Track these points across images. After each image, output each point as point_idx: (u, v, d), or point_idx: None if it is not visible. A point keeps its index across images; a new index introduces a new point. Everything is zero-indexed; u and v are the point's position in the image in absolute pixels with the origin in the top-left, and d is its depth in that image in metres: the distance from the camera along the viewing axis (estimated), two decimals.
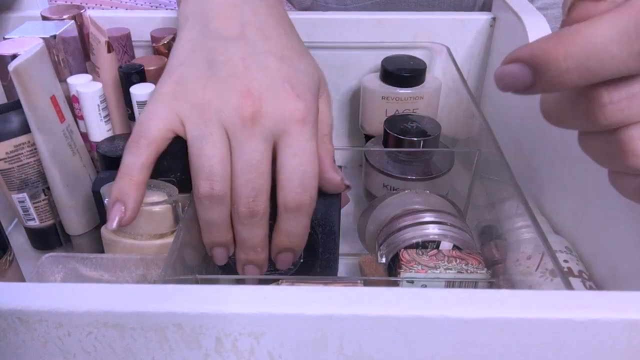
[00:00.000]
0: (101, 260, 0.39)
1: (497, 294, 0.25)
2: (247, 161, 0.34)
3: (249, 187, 0.34)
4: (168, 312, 0.24)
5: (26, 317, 0.25)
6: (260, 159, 0.34)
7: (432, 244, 0.40)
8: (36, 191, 0.45)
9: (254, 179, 0.34)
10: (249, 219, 0.35)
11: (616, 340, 0.24)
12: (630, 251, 0.36)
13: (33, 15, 0.57)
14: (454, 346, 0.25)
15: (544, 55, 0.21)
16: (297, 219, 0.35)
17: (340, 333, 0.25)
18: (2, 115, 0.41)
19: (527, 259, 0.37)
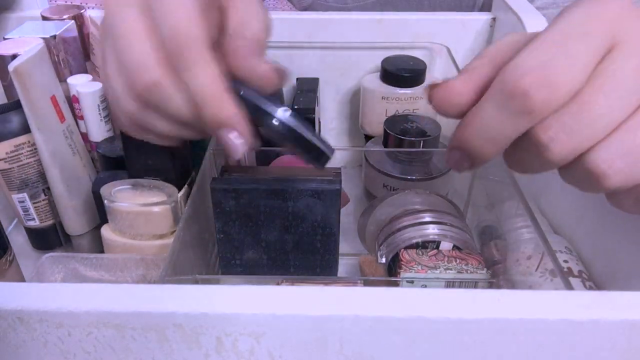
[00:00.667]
0: (101, 260, 0.39)
1: (497, 294, 0.25)
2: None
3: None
4: (168, 312, 0.24)
5: (26, 317, 0.25)
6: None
7: (432, 244, 0.40)
8: (36, 191, 0.45)
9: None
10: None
11: (616, 340, 0.24)
12: (630, 251, 0.36)
13: (33, 15, 0.57)
14: (454, 346, 0.25)
15: (462, 140, 0.25)
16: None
17: (340, 333, 0.25)
18: (2, 115, 0.41)
19: (527, 259, 0.37)
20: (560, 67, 0.22)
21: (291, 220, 0.40)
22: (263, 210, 0.39)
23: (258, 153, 0.51)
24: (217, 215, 0.40)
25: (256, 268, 0.42)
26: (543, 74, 0.22)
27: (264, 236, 0.40)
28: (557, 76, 0.22)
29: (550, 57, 0.22)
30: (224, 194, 0.39)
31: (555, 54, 0.22)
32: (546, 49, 0.23)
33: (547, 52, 0.23)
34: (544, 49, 0.23)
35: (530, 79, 0.22)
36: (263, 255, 0.42)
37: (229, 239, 0.41)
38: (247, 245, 0.41)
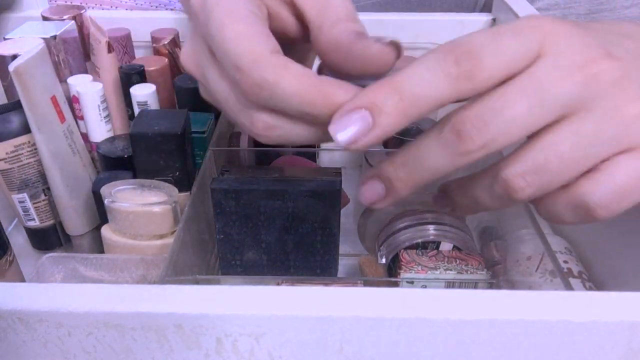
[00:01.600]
0: (101, 260, 0.39)
1: (497, 295, 0.25)
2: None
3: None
4: (168, 313, 0.24)
5: (26, 317, 0.25)
6: None
7: (432, 245, 0.40)
8: (36, 191, 0.45)
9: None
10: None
11: (616, 341, 0.24)
12: (630, 252, 0.36)
13: (33, 15, 0.57)
14: (454, 347, 0.25)
15: (377, 96, 0.24)
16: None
17: (340, 334, 0.25)
18: (3, 115, 0.41)
19: (527, 259, 0.37)
20: (489, 51, 0.23)
21: (291, 221, 0.40)
22: (263, 210, 0.39)
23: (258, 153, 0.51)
24: (217, 215, 0.40)
25: (256, 268, 0.42)
26: (471, 48, 0.23)
27: (264, 236, 0.40)
28: (483, 58, 0.23)
29: (482, 40, 0.23)
30: (224, 194, 0.39)
31: (487, 41, 0.23)
32: (481, 33, 0.24)
33: (481, 35, 0.24)
34: (479, 33, 0.24)
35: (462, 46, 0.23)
36: (263, 256, 0.42)
37: (229, 240, 0.41)
38: (247, 246, 0.41)
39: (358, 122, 0.23)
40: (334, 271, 0.43)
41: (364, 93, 0.24)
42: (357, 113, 0.23)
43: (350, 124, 0.23)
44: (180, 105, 0.48)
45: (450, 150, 0.24)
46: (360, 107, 0.23)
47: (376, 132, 0.23)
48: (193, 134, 0.44)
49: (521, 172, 0.24)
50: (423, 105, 0.24)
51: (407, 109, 0.23)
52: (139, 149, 0.40)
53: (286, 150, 0.52)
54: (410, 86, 0.23)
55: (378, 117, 0.23)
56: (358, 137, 0.23)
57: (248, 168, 0.42)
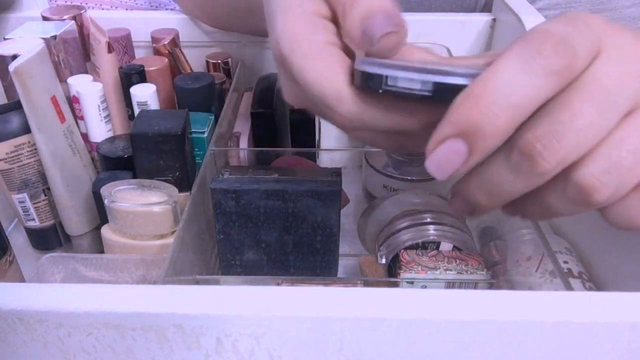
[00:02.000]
0: (101, 260, 0.39)
1: (497, 295, 0.25)
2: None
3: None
4: (168, 313, 0.24)
5: (26, 317, 0.25)
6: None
7: (432, 245, 0.40)
8: (36, 191, 0.45)
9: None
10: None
11: (616, 341, 0.24)
12: (630, 252, 0.36)
13: (33, 15, 0.57)
14: (453, 347, 0.25)
15: (468, 117, 0.21)
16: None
17: (340, 334, 0.25)
18: (3, 115, 0.41)
19: (527, 260, 0.37)
20: (579, 41, 0.22)
21: (291, 221, 0.40)
22: (263, 210, 0.39)
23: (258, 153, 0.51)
24: (217, 215, 0.40)
25: (256, 269, 0.42)
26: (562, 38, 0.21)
27: (264, 237, 0.40)
28: (576, 47, 0.21)
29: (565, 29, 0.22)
30: (224, 194, 0.39)
31: (569, 29, 0.22)
32: (555, 23, 0.22)
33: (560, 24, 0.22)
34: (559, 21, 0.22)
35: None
36: (263, 256, 0.42)
37: (229, 240, 0.41)
38: (247, 246, 0.41)
39: (452, 155, 0.22)
40: (334, 271, 0.43)
41: (451, 115, 0.22)
42: (449, 145, 0.22)
43: (442, 160, 0.22)
44: (180, 105, 0.48)
45: (524, 174, 0.22)
46: (452, 136, 0.22)
47: (475, 157, 0.22)
48: (193, 134, 0.44)
49: (595, 173, 0.22)
50: (523, 114, 0.21)
51: (507, 124, 0.21)
52: (139, 149, 0.40)
53: (286, 150, 0.52)
54: (507, 96, 0.21)
55: (474, 143, 0.21)
56: (455, 169, 0.22)
57: (248, 168, 0.42)
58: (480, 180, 0.24)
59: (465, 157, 0.22)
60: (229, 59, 0.56)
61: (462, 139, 0.21)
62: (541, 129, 0.22)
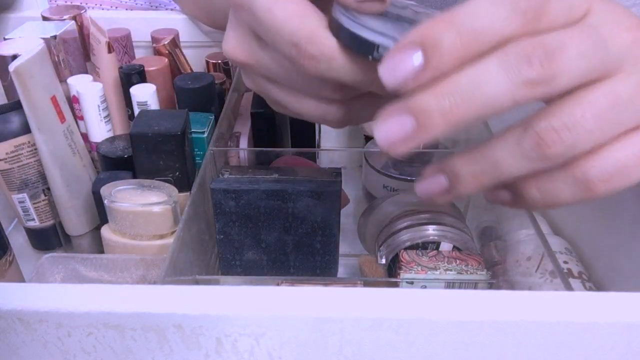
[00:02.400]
0: (101, 260, 0.39)
1: (497, 295, 0.25)
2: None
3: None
4: (168, 313, 0.24)
5: (26, 317, 0.25)
6: None
7: (431, 245, 0.40)
8: (36, 191, 0.45)
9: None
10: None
11: (616, 341, 0.24)
12: (630, 252, 0.36)
13: (33, 15, 0.57)
14: (453, 347, 0.25)
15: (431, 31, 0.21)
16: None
17: (340, 334, 0.25)
18: (3, 115, 0.41)
19: (526, 260, 0.37)
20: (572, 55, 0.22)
21: (291, 221, 0.40)
22: (263, 210, 0.39)
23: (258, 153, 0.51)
24: (217, 215, 0.40)
25: (256, 269, 0.42)
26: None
27: (264, 237, 0.41)
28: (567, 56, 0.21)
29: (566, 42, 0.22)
30: (224, 194, 0.39)
31: (569, 42, 0.22)
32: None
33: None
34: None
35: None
36: (263, 256, 0.42)
37: (229, 240, 0.41)
38: (247, 246, 0.41)
39: (406, 61, 0.21)
40: (334, 271, 0.43)
41: (416, 29, 0.21)
42: (406, 50, 0.21)
43: (397, 64, 0.21)
44: (180, 105, 0.48)
45: (514, 77, 0.21)
46: (412, 44, 0.21)
47: (426, 74, 0.21)
48: (193, 134, 0.44)
49: (556, 127, 0.22)
50: (484, 42, 0.21)
51: (466, 47, 0.21)
52: (139, 149, 0.40)
53: (286, 150, 0.52)
54: (471, 22, 0.21)
55: (430, 56, 0.21)
56: (404, 77, 0.21)
57: (248, 168, 0.42)
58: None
59: (418, 68, 0.21)
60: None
61: (420, 49, 0.21)
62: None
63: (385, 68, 0.22)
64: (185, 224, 0.36)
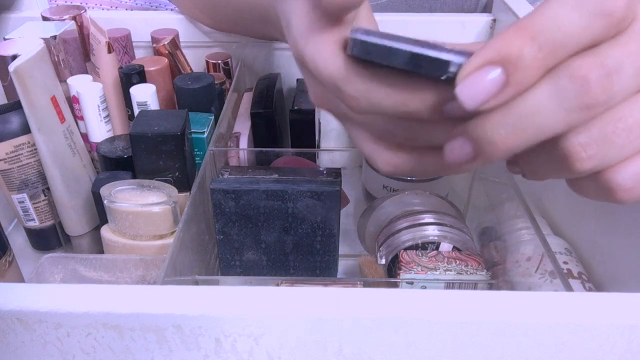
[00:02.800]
0: (101, 260, 0.39)
1: (497, 296, 0.25)
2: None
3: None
4: (167, 314, 0.24)
5: (25, 317, 0.25)
6: None
7: (431, 245, 0.40)
8: (36, 191, 0.45)
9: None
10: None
11: (615, 342, 0.24)
12: (630, 253, 0.36)
13: (33, 15, 0.57)
14: (453, 348, 0.25)
15: (512, 46, 0.20)
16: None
17: (340, 334, 0.25)
18: (2, 115, 0.41)
19: (526, 260, 0.37)
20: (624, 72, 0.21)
21: (291, 221, 0.40)
22: (263, 211, 0.39)
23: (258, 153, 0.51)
24: (217, 216, 0.40)
25: (256, 269, 0.42)
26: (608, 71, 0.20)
27: (264, 237, 0.40)
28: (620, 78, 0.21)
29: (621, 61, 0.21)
30: (224, 194, 0.39)
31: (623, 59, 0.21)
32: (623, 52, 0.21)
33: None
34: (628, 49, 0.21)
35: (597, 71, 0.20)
36: (263, 256, 0.42)
37: (229, 240, 0.41)
38: (247, 246, 0.41)
39: (487, 83, 0.20)
40: (334, 272, 0.43)
41: (493, 43, 0.20)
42: (486, 71, 0.20)
43: (476, 86, 0.20)
44: (180, 106, 0.48)
45: (568, 103, 0.20)
46: (491, 61, 0.20)
47: (509, 90, 0.20)
48: (193, 134, 0.44)
49: (585, 143, 0.21)
50: (564, 54, 0.20)
51: (550, 58, 0.20)
52: (139, 150, 0.40)
53: (286, 150, 0.52)
54: (552, 32, 0.20)
55: (513, 73, 0.20)
56: (486, 98, 0.21)
57: (248, 168, 0.42)
58: (508, 112, 0.21)
59: (500, 87, 0.20)
60: (229, 59, 0.56)
61: (501, 67, 0.20)
62: (602, 57, 0.21)
63: (463, 89, 0.21)
64: (185, 224, 0.36)
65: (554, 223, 0.46)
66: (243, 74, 0.59)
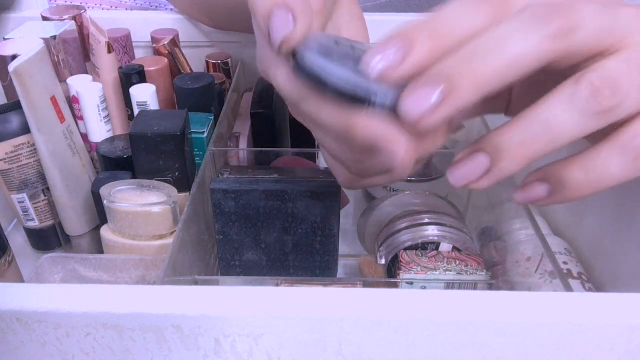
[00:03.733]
0: (100, 261, 0.39)
1: (497, 296, 0.25)
2: None
3: None
4: (167, 314, 0.24)
5: (25, 318, 0.25)
6: None
7: (431, 246, 0.40)
8: (36, 192, 0.45)
9: None
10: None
11: (615, 342, 0.24)
12: (630, 253, 0.36)
13: (33, 15, 0.57)
14: (453, 348, 0.25)
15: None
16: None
17: (340, 335, 0.25)
18: (2, 115, 0.41)
19: (526, 260, 0.37)
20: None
21: (291, 222, 0.40)
22: (263, 211, 0.39)
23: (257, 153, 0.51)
24: (217, 216, 0.40)
25: (256, 269, 0.42)
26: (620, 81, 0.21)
27: (264, 237, 0.40)
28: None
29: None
30: (224, 194, 0.39)
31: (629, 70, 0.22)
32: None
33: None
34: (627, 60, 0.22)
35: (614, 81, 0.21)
36: (263, 257, 0.42)
37: (229, 240, 0.41)
38: (247, 246, 0.41)
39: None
40: (334, 272, 0.43)
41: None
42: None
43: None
44: (180, 106, 0.48)
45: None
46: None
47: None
48: (192, 135, 0.44)
49: (611, 75, 0.22)
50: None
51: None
52: (139, 150, 0.40)
53: (286, 150, 0.52)
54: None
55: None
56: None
57: (247, 168, 0.42)
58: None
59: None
60: (229, 59, 0.56)
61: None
62: (614, 66, 0.22)
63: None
64: (185, 224, 0.36)
65: (553, 223, 0.46)
66: (243, 74, 0.59)
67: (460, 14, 0.22)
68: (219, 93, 0.51)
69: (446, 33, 0.22)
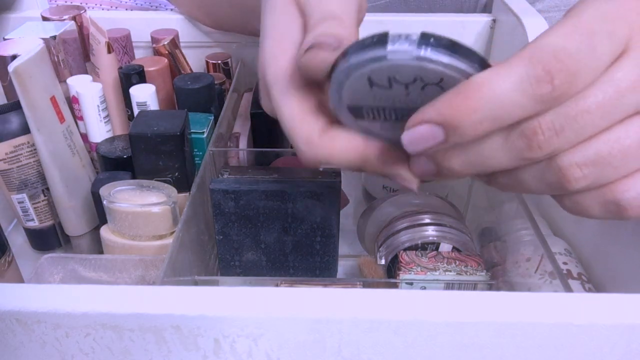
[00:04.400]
0: (100, 261, 0.39)
1: (496, 297, 0.24)
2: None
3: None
4: (166, 314, 0.24)
5: (24, 318, 0.25)
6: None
7: (431, 246, 0.40)
8: (36, 192, 0.45)
9: None
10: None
11: (615, 343, 0.24)
12: (630, 253, 0.36)
13: (33, 15, 0.57)
14: (452, 349, 0.25)
15: (453, 114, 0.22)
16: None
17: (339, 335, 0.25)
18: (2, 115, 0.41)
19: (526, 261, 0.37)
20: (585, 61, 0.22)
21: (290, 222, 0.40)
22: (262, 211, 0.39)
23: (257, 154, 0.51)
24: (217, 216, 0.40)
25: (255, 269, 0.42)
26: (569, 62, 0.21)
27: (264, 237, 0.40)
28: (580, 68, 0.21)
29: (577, 47, 0.22)
30: (224, 195, 0.39)
31: (581, 46, 0.22)
32: (576, 39, 0.22)
33: (575, 38, 0.22)
34: (574, 37, 0.22)
35: (557, 62, 0.21)
36: (262, 257, 0.42)
37: (229, 240, 0.41)
38: (247, 247, 0.41)
39: (428, 137, 0.23)
40: (333, 272, 0.43)
41: (441, 102, 0.23)
42: (428, 128, 0.23)
43: (418, 137, 0.23)
44: (179, 106, 0.48)
45: (514, 154, 0.23)
46: (433, 122, 0.23)
47: (446, 146, 0.23)
48: (192, 135, 0.44)
49: (580, 163, 0.23)
50: (503, 124, 0.22)
51: (486, 129, 0.22)
52: (138, 150, 0.40)
53: (286, 150, 0.52)
54: (494, 108, 0.22)
55: (451, 135, 0.23)
56: (425, 148, 0.23)
57: (247, 168, 0.42)
58: (464, 150, 0.24)
59: (438, 142, 0.23)
60: (228, 59, 0.56)
61: (441, 128, 0.22)
62: (547, 118, 0.22)
63: (407, 137, 0.24)
64: (185, 224, 0.36)
65: (553, 223, 0.46)
66: (243, 74, 0.59)
67: (518, 106, 0.22)
68: (218, 93, 0.51)
69: (496, 121, 0.22)
